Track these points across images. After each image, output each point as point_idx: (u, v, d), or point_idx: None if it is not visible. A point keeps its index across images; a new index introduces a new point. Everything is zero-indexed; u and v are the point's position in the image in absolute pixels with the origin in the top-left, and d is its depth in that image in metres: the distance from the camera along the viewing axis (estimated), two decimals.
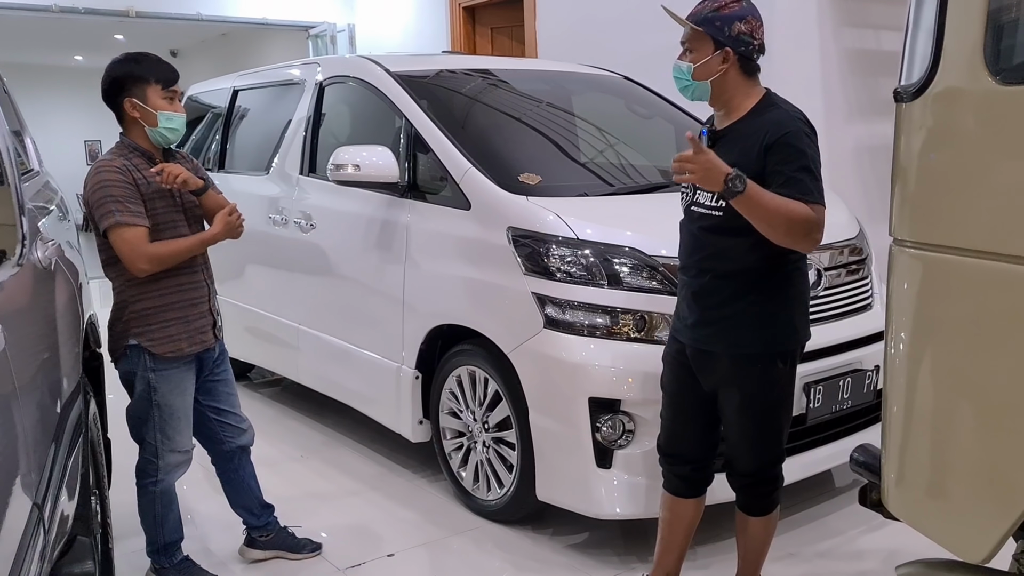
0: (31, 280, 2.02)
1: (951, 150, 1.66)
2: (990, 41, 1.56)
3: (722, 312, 2.40)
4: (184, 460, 2.91)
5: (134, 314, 2.74)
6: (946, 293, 1.70)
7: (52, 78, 16.11)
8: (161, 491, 2.88)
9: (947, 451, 1.73)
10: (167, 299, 2.76)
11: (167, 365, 2.78)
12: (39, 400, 1.80)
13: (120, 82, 2.72)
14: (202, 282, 2.87)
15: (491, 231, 3.23)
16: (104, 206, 2.63)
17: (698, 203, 2.40)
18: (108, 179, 2.65)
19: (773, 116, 2.32)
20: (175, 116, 2.75)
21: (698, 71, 2.35)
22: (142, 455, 2.88)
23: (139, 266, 2.66)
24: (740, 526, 2.64)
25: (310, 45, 9.38)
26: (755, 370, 2.41)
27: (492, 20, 7.57)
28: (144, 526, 2.96)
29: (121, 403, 2.89)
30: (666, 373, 2.62)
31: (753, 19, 2.34)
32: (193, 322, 2.82)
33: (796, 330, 2.46)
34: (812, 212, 2.25)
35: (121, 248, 2.65)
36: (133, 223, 2.64)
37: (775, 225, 2.24)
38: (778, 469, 2.56)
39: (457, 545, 3.29)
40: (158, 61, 2.77)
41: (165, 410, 2.80)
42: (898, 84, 1.76)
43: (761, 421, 2.46)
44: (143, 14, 8.39)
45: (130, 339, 2.76)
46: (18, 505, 1.50)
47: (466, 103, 4.05)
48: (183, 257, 2.77)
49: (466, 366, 3.41)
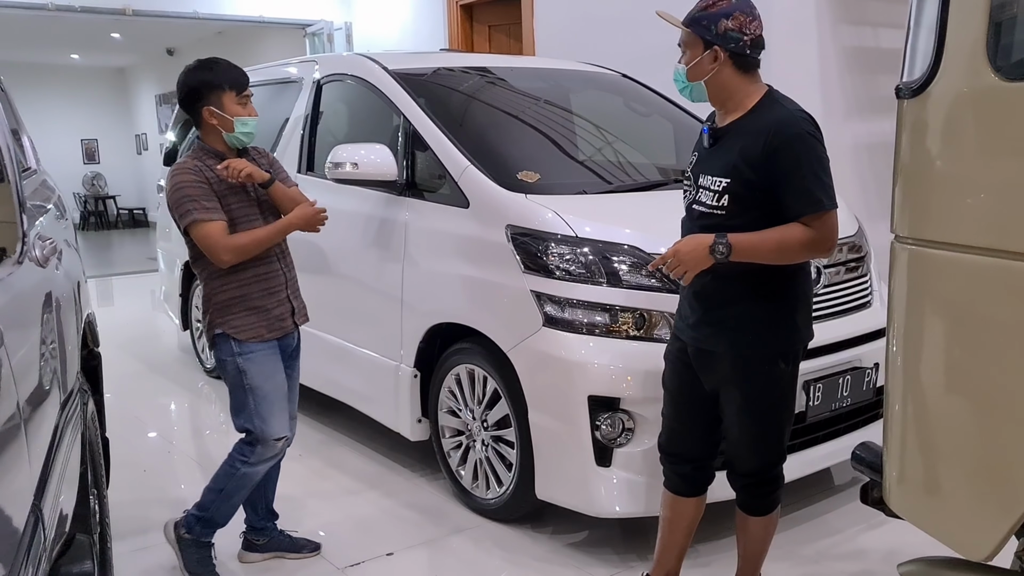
0: (30, 278, 2.01)
1: (953, 147, 1.65)
2: (992, 37, 1.56)
3: (724, 312, 2.39)
4: (280, 449, 2.97)
5: (217, 305, 2.88)
6: (947, 289, 1.70)
7: (48, 76, 16.08)
8: (243, 474, 2.93)
9: (949, 449, 1.73)
10: (244, 289, 2.88)
11: (252, 348, 2.89)
12: (39, 398, 1.79)
13: (197, 91, 2.83)
14: (279, 271, 2.97)
15: (490, 229, 3.23)
16: (182, 206, 2.77)
17: (700, 202, 2.39)
18: (183, 180, 2.78)
19: (776, 115, 2.29)
20: (249, 120, 2.87)
21: (691, 72, 2.36)
22: (242, 441, 2.96)
23: (221, 257, 2.78)
24: (740, 525, 2.63)
25: (307, 43, 9.37)
26: (757, 370, 2.40)
27: (490, 18, 7.56)
28: (205, 492, 3.00)
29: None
30: (668, 372, 2.61)
31: (742, 15, 2.30)
32: (272, 310, 2.93)
33: (798, 329, 2.45)
34: (811, 231, 2.24)
35: (203, 242, 2.78)
36: (209, 218, 2.76)
37: (778, 259, 2.30)
38: (779, 469, 2.55)
39: (456, 544, 3.28)
40: (229, 67, 2.89)
41: (258, 392, 2.89)
42: (900, 81, 1.76)
43: (762, 421, 2.46)
44: (140, 12, 8.37)
45: (216, 328, 2.90)
46: (18, 504, 1.49)
47: (464, 101, 4.04)
48: (264, 245, 2.88)
49: (465, 364, 3.40)
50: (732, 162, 2.29)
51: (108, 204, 17.18)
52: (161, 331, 7.14)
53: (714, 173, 2.34)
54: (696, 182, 2.40)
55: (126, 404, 4.92)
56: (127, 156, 17.47)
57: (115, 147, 17.36)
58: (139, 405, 5.08)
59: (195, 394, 5.41)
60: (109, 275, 10.61)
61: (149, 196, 16.29)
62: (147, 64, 15.92)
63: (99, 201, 17.08)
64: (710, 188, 2.34)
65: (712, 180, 2.34)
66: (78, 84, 16.81)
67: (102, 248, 13.99)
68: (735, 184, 2.29)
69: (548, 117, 4.09)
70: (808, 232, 2.24)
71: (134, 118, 17.37)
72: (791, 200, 2.24)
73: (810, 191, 2.23)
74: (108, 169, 17.35)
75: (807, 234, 2.24)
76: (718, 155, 2.35)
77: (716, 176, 2.33)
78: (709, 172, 2.36)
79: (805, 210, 2.23)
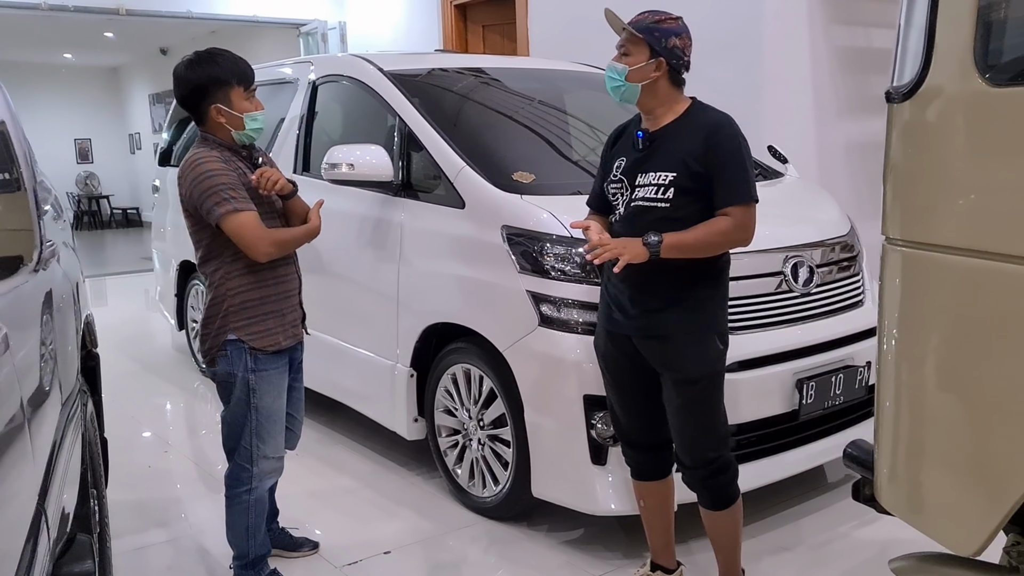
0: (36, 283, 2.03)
1: (942, 150, 1.68)
2: (980, 43, 1.59)
3: (671, 298, 2.53)
4: (278, 467, 2.86)
5: (232, 308, 2.69)
6: (937, 290, 1.72)
7: (42, 76, 16.05)
8: (255, 500, 2.82)
9: (938, 446, 1.76)
10: (266, 291, 2.72)
11: (266, 365, 2.73)
12: (41, 399, 1.81)
13: (203, 88, 2.65)
14: (294, 274, 2.86)
15: (485, 229, 3.25)
16: (216, 194, 2.56)
17: (642, 198, 2.52)
18: (212, 169, 2.59)
19: (712, 117, 2.51)
20: (258, 115, 2.72)
21: (633, 73, 2.50)
22: (235, 462, 2.81)
23: (263, 249, 2.62)
24: (708, 525, 2.72)
25: (301, 43, 9.37)
26: (702, 345, 2.54)
27: (484, 18, 7.58)
28: (232, 539, 2.87)
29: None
30: (609, 369, 2.71)
31: (687, 37, 2.52)
32: (287, 315, 2.80)
33: (727, 314, 2.64)
34: (733, 222, 2.43)
35: (243, 233, 2.59)
36: (247, 207, 2.60)
37: (705, 250, 2.48)
38: (728, 457, 2.64)
39: (453, 542, 3.31)
40: (235, 59, 2.71)
41: (263, 413, 2.74)
42: (890, 85, 1.79)
43: (704, 400, 2.57)
44: (133, 12, 8.38)
45: (229, 334, 2.69)
46: (23, 503, 1.51)
47: (459, 102, 4.06)
48: (296, 246, 2.78)
49: (461, 364, 3.42)
50: (678, 158, 2.46)
51: (101, 204, 17.17)
52: (156, 331, 7.15)
53: (656, 170, 2.50)
54: (632, 182, 2.55)
55: (122, 404, 4.93)
56: (120, 156, 17.45)
57: (108, 147, 17.35)
58: (135, 405, 5.09)
59: (191, 394, 5.42)
60: (103, 275, 10.60)
61: (143, 196, 16.28)
62: (141, 63, 15.91)
63: (92, 201, 17.06)
64: (652, 183, 2.50)
65: (655, 176, 2.50)
66: (71, 83, 16.78)
67: (96, 248, 13.97)
68: (682, 178, 2.46)
69: (543, 117, 4.11)
70: (730, 223, 2.44)
71: (127, 117, 17.35)
72: (721, 191, 2.44)
73: (738, 184, 2.45)
74: (101, 169, 17.33)
75: (730, 224, 2.44)
76: (658, 155, 2.52)
77: (660, 172, 2.49)
78: (650, 170, 2.52)
79: (733, 200, 2.43)
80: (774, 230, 3.20)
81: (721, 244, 2.49)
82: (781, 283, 3.17)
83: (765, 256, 3.13)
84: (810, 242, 3.32)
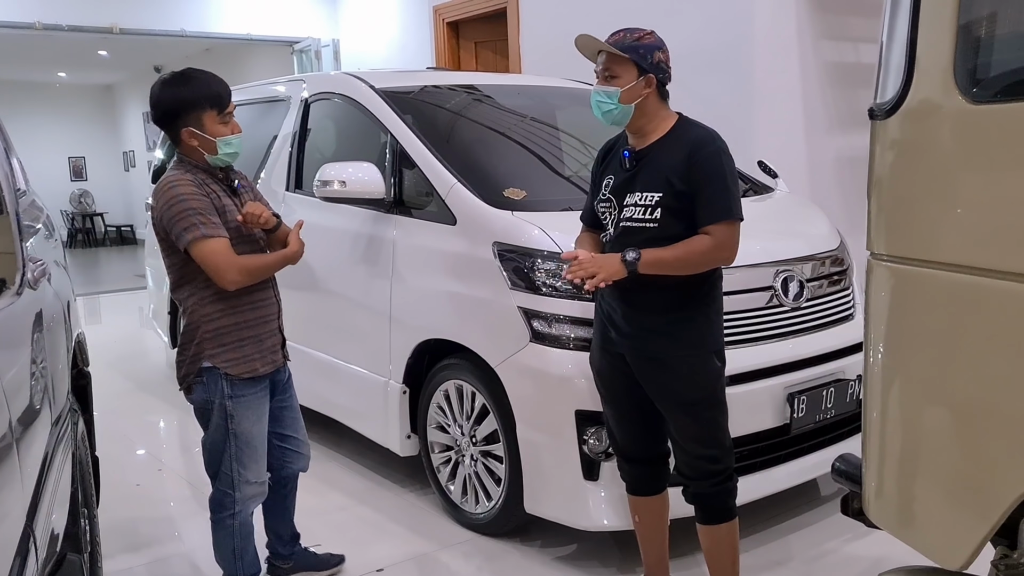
0: (25, 303, 2.03)
1: (924, 167, 1.70)
2: (960, 61, 1.61)
3: (664, 319, 2.52)
4: (260, 491, 2.82)
5: (208, 334, 2.63)
6: (921, 305, 1.74)
7: (36, 94, 16.07)
8: (240, 523, 2.78)
9: (924, 460, 1.77)
10: (242, 316, 2.67)
11: (244, 390, 2.68)
12: (31, 420, 1.81)
13: (174, 112, 2.60)
14: (272, 299, 2.80)
15: (477, 246, 3.26)
16: (185, 219, 2.52)
17: (629, 218, 2.52)
18: (183, 193, 2.54)
19: (697, 133, 2.51)
20: (233, 139, 2.64)
21: (625, 95, 2.50)
22: (217, 488, 2.77)
23: (230, 277, 2.56)
24: (705, 541, 2.71)
25: (295, 60, 9.40)
26: (699, 368, 2.53)
27: (476, 35, 7.62)
28: (221, 562, 2.85)
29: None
30: (605, 384, 2.71)
31: (666, 50, 2.54)
32: (265, 340, 2.74)
33: (722, 330, 2.62)
34: (714, 240, 2.42)
35: (210, 260, 2.54)
36: (218, 234, 2.54)
37: (685, 268, 2.47)
38: (729, 470, 2.63)
39: (446, 559, 3.30)
40: (207, 81, 2.62)
41: (242, 439, 2.70)
42: (873, 102, 1.81)
43: (705, 418, 2.56)
44: (127, 31, 8.41)
45: (204, 361, 2.64)
46: (11, 523, 1.51)
47: (451, 119, 4.08)
48: (268, 273, 2.72)
49: (453, 380, 3.43)
50: (664, 177, 2.45)
51: (95, 221, 17.16)
52: (149, 349, 7.14)
53: (643, 190, 2.50)
54: (620, 202, 2.55)
55: (115, 422, 4.91)
56: (114, 173, 17.46)
57: (102, 164, 17.35)
58: (128, 423, 5.08)
59: (184, 411, 5.38)
60: (97, 293, 10.59)
61: (137, 213, 16.28)
62: (134, 81, 15.93)
63: (86, 218, 17.05)
64: (640, 204, 2.49)
65: (642, 196, 2.49)
66: (65, 102, 16.81)
67: (90, 266, 13.96)
68: (667, 197, 2.45)
69: (534, 134, 4.13)
70: (711, 241, 2.43)
71: (121, 135, 17.37)
72: (703, 209, 2.43)
73: (719, 202, 2.43)
74: (95, 186, 17.33)
75: (710, 243, 2.43)
76: (644, 174, 2.51)
77: (647, 192, 2.49)
78: (637, 190, 2.51)
79: (714, 218, 2.42)
80: (765, 244, 3.22)
81: (700, 263, 2.47)
82: (772, 297, 3.18)
83: (756, 271, 3.14)
84: (800, 256, 3.34)
